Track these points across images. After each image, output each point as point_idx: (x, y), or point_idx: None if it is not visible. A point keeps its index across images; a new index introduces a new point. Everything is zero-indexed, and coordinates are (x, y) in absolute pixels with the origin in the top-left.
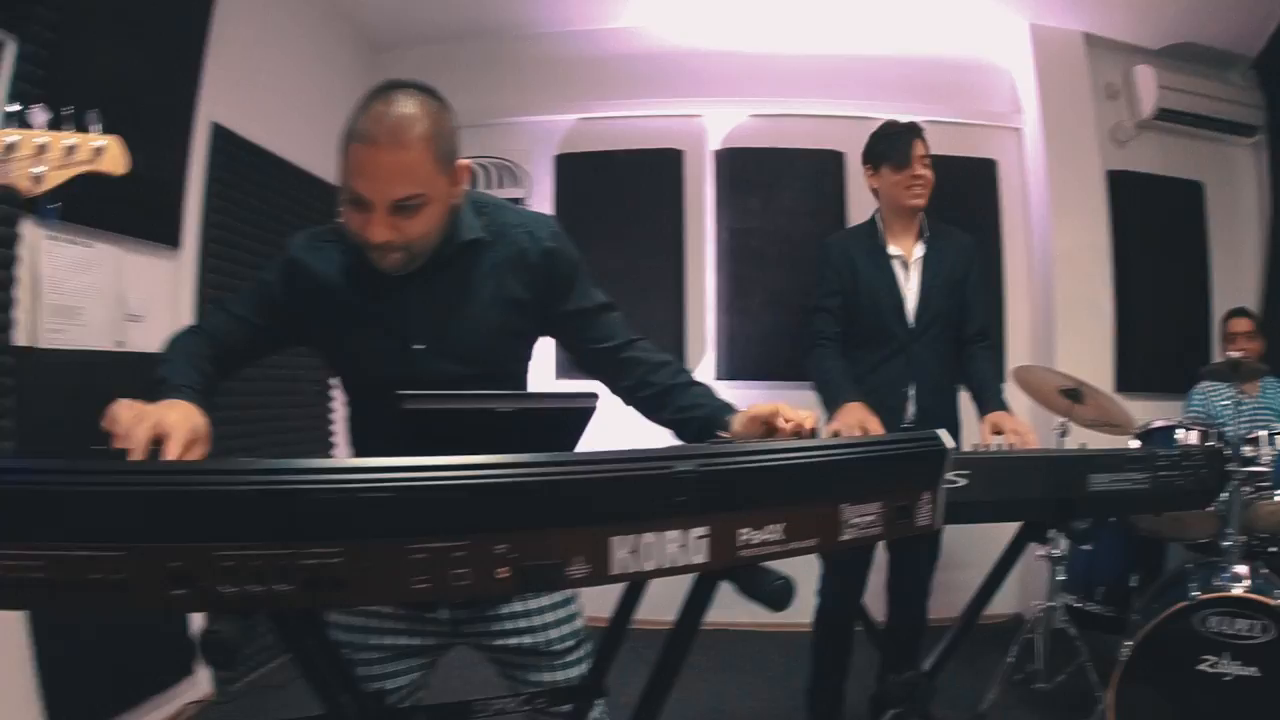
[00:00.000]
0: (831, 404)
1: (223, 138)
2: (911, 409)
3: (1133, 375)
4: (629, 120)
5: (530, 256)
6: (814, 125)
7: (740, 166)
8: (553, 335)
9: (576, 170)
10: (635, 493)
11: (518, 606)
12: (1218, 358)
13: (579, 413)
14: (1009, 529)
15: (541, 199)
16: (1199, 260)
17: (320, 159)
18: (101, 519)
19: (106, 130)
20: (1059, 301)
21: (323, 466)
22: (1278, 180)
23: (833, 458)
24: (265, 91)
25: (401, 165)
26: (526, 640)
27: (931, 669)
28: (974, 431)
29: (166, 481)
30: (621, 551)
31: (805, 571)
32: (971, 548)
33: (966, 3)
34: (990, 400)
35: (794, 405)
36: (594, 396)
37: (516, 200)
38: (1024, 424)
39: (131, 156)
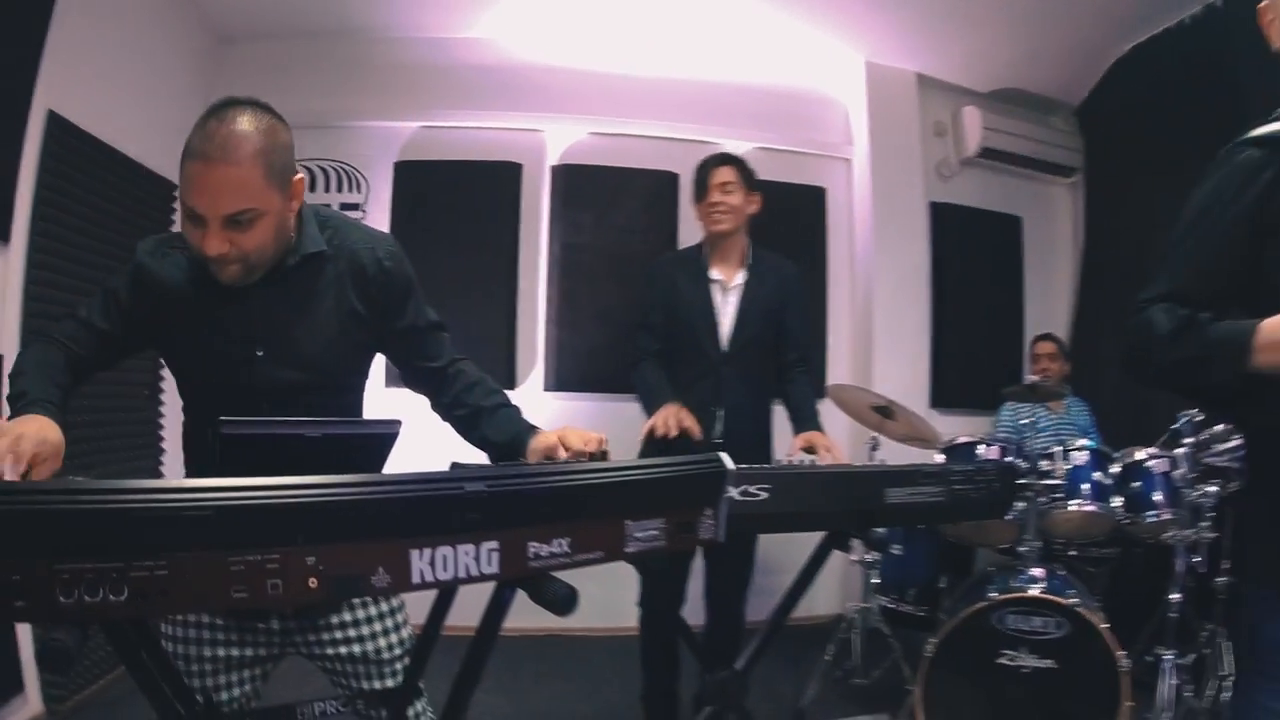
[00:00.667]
0: (651, 408)
1: (59, 128)
2: (719, 427)
3: (947, 393)
4: (471, 131)
5: (369, 272)
6: (651, 146)
7: (577, 183)
8: (384, 349)
9: (416, 178)
10: (431, 510)
11: (347, 616)
12: (1028, 379)
13: (383, 437)
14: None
15: (379, 205)
16: (1014, 288)
17: (160, 154)
18: None
19: None
20: (878, 323)
21: (151, 487)
22: (1092, 217)
23: (615, 479)
24: (106, 81)
25: (233, 181)
26: (356, 649)
27: (744, 667)
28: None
29: (7, 501)
30: (420, 563)
31: (630, 579)
32: (793, 553)
33: (807, 37)
34: (805, 420)
35: (586, 428)
36: (397, 423)
37: (354, 205)
38: (833, 442)
39: None
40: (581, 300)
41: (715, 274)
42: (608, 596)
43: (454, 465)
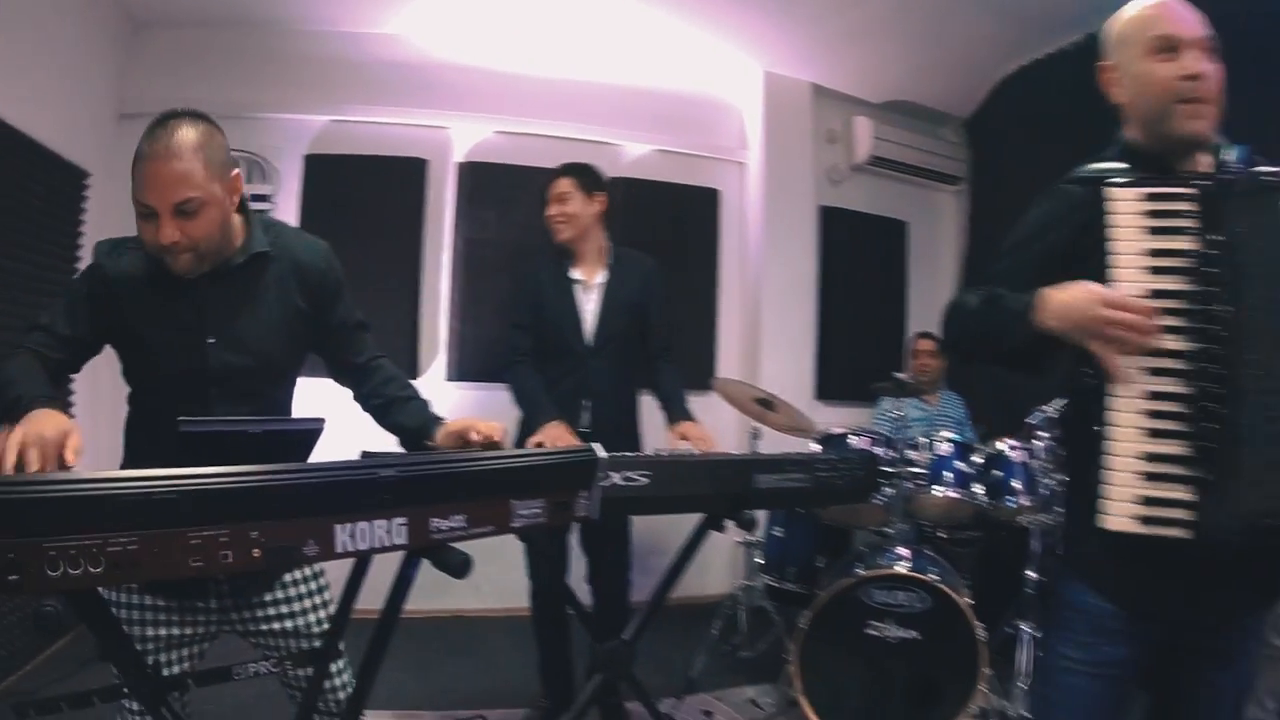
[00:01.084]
0: (533, 418)
1: None
2: (586, 418)
3: (831, 386)
4: (379, 126)
5: (310, 272)
6: (554, 145)
7: (480, 180)
8: (317, 344)
9: (325, 171)
10: (350, 492)
11: (279, 594)
12: (898, 375)
13: (310, 432)
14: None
15: (288, 197)
16: (898, 289)
17: (72, 141)
18: None
19: None
20: (767, 319)
21: (123, 476)
22: (975, 224)
23: (503, 466)
24: (18, 65)
25: (178, 173)
26: (288, 624)
27: (631, 637)
28: (658, 437)
29: (2, 491)
30: (342, 535)
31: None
32: (679, 536)
33: (708, 46)
34: (676, 410)
35: (488, 418)
36: (322, 421)
37: (263, 197)
38: (707, 432)
39: None
40: (483, 294)
41: (576, 274)
42: (505, 579)
43: (364, 454)
